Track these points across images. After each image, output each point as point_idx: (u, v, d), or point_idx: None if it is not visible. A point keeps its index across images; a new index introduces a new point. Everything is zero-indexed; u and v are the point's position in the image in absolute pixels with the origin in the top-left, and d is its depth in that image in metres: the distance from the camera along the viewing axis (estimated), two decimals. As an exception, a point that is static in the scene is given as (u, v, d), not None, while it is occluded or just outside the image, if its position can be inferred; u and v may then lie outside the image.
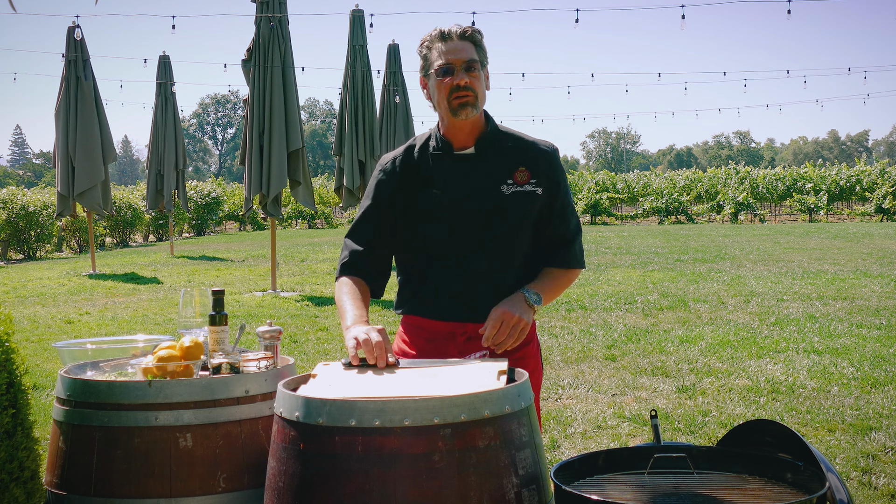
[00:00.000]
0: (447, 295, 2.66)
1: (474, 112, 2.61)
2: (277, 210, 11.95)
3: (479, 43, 2.65)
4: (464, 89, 2.59)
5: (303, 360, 7.31)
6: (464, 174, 2.66)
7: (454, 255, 2.65)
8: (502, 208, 2.63)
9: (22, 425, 2.67)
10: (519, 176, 2.65)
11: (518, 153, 2.68)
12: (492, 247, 2.64)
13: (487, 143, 2.68)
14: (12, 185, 26.60)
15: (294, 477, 2.05)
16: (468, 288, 2.64)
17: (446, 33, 2.63)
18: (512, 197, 2.64)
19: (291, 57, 12.00)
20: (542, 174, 2.66)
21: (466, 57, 2.60)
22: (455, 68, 2.59)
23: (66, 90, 14.62)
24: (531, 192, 2.65)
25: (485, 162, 2.67)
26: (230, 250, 21.40)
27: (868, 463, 4.55)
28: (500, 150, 2.68)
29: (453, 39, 2.62)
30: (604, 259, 16.67)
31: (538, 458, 2.16)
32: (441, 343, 2.68)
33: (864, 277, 12.65)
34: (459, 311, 2.66)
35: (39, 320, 10.05)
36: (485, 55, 2.67)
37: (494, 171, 2.66)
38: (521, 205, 2.64)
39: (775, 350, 7.56)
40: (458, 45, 2.61)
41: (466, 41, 2.62)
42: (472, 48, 2.63)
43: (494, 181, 2.65)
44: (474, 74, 2.60)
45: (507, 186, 2.64)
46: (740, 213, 32.57)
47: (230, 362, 2.60)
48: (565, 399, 6.06)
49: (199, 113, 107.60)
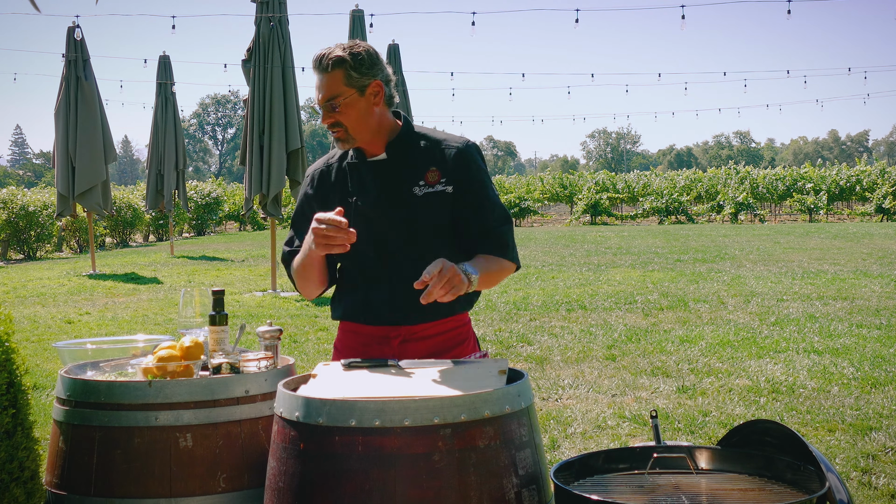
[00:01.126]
0: (376, 300, 2.68)
1: (349, 143, 2.63)
2: (277, 210, 11.95)
3: (348, 69, 2.57)
4: (331, 126, 2.61)
5: (303, 360, 7.32)
6: (377, 180, 2.66)
7: (377, 260, 2.66)
8: (416, 211, 2.62)
9: (22, 425, 2.67)
10: (430, 176, 2.64)
11: (429, 153, 2.67)
12: (412, 249, 2.63)
13: (398, 147, 2.68)
14: (12, 185, 26.59)
15: (294, 477, 2.05)
16: (396, 292, 2.64)
17: (316, 62, 2.61)
18: (424, 198, 2.62)
19: (291, 57, 12.00)
20: (451, 171, 2.64)
21: (327, 95, 2.58)
22: (320, 108, 2.62)
23: (66, 90, 14.62)
24: (441, 191, 2.63)
25: (397, 166, 2.66)
26: (230, 250, 21.40)
27: (868, 463, 4.55)
28: (412, 153, 2.68)
29: (319, 74, 2.60)
30: (604, 259, 16.67)
31: (538, 458, 2.16)
32: (376, 346, 2.70)
33: (864, 277, 12.65)
34: (390, 315, 2.67)
35: (39, 320, 10.05)
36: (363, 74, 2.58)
37: (406, 174, 2.65)
38: (433, 205, 2.63)
39: (775, 350, 7.55)
40: (322, 80, 2.59)
41: (330, 72, 2.57)
42: (336, 79, 2.57)
43: (407, 184, 2.64)
44: (340, 110, 2.58)
45: (419, 188, 2.63)
46: (740, 213, 32.57)
47: (230, 362, 2.60)
48: (565, 399, 6.06)
49: (199, 113, 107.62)
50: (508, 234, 2.68)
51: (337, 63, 2.56)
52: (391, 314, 2.67)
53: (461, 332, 2.77)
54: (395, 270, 2.65)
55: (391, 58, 16.17)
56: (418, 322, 2.66)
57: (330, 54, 2.57)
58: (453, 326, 2.73)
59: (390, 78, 2.68)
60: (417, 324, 2.66)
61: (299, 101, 12.19)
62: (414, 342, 2.67)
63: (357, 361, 2.45)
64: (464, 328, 2.79)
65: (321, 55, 2.59)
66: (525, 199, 35.03)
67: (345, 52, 2.57)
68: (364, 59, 2.58)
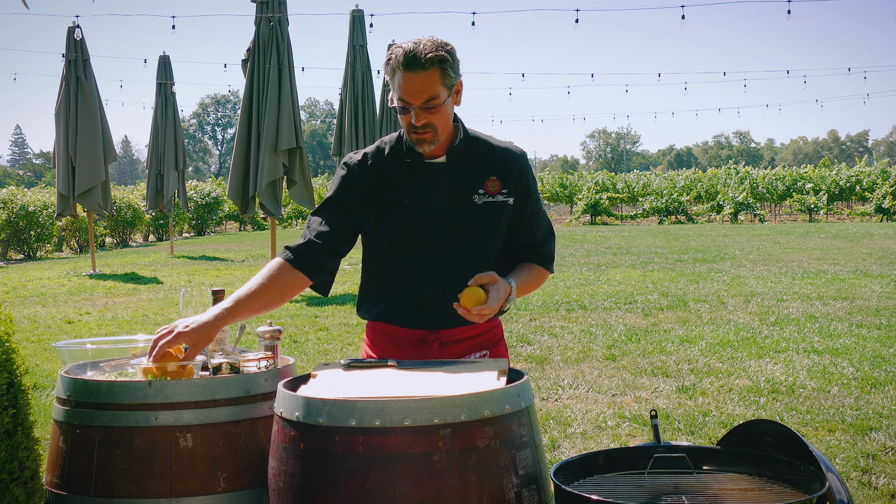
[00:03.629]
0: (419, 303, 2.64)
1: (434, 145, 2.53)
2: (277, 210, 11.95)
3: (445, 67, 2.43)
4: (421, 129, 2.48)
5: (303, 360, 7.32)
6: (435, 184, 2.60)
7: (425, 264, 2.62)
8: (474, 218, 2.59)
9: (22, 425, 2.67)
10: (490, 185, 2.60)
11: (489, 161, 2.63)
12: (464, 256, 2.61)
13: (459, 151, 2.62)
14: (12, 185, 26.60)
15: (294, 477, 2.05)
16: (441, 296, 2.58)
17: (409, 62, 2.40)
18: (483, 207, 2.59)
19: (291, 57, 12.00)
20: (513, 183, 2.62)
21: (426, 96, 2.43)
22: (412, 108, 2.45)
23: (67, 90, 14.62)
24: (503, 202, 2.61)
25: (456, 171, 2.61)
26: (230, 250, 21.40)
27: (868, 463, 4.55)
28: (471, 159, 2.62)
29: (414, 71, 2.40)
30: (604, 259, 16.67)
31: (538, 458, 2.16)
32: (411, 349, 2.66)
33: (864, 277, 12.65)
34: (433, 319, 2.64)
35: (39, 320, 10.05)
36: (453, 75, 2.47)
37: (466, 180, 2.60)
38: (492, 215, 2.60)
39: (775, 350, 7.56)
40: (418, 79, 2.40)
41: (430, 70, 2.41)
42: (435, 79, 2.42)
43: (466, 191, 2.60)
44: (434, 111, 2.45)
45: (479, 196, 2.60)
46: (740, 213, 32.57)
47: (230, 362, 2.60)
48: (565, 399, 6.06)
49: (199, 113, 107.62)
50: (552, 246, 2.75)
51: (437, 61, 2.40)
52: (435, 317, 2.63)
53: (496, 333, 2.77)
54: (443, 274, 2.60)
55: (391, 58, 16.16)
56: (458, 325, 2.63)
57: (426, 52, 2.39)
58: (489, 328, 2.73)
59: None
60: (456, 327, 2.64)
61: (299, 100, 12.19)
62: (452, 345, 2.65)
63: (357, 361, 2.45)
64: (497, 329, 2.79)
65: (414, 51, 2.39)
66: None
67: (441, 51, 2.41)
68: (455, 56, 2.47)
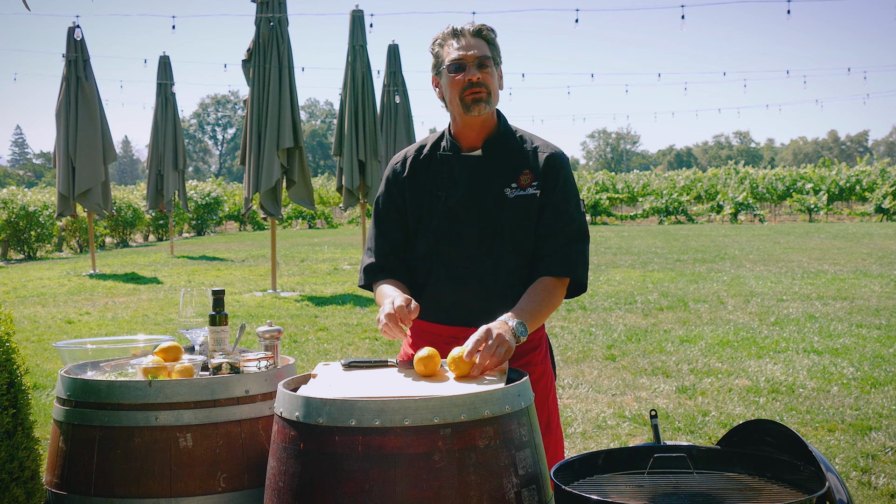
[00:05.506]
0: (451, 299, 2.63)
1: (487, 108, 2.58)
2: (277, 210, 11.95)
3: (492, 41, 2.63)
4: (476, 85, 2.56)
5: (303, 360, 7.32)
6: (469, 176, 2.62)
7: (458, 258, 2.61)
8: (505, 212, 2.58)
9: (22, 425, 2.67)
10: (523, 179, 2.60)
11: (525, 155, 2.64)
12: (496, 250, 2.59)
13: (495, 144, 2.64)
14: (12, 185, 26.59)
15: (294, 477, 2.05)
16: (473, 292, 2.59)
17: (459, 31, 2.61)
18: (515, 201, 2.59)
19: (291, 57, 12.00)
20: (541, 175, 2.61)
21: (479, 53, 2.58)
22: (467, 64, 2.57)
23: (67, 90, 14.62)
24: (532, 195, 2.59)
25: (491, 164, 2.63)
26: (230, 250, 21.40)
27: (868, 463, 4.55)
28: (508, 152, 2.64)
29: (466, 37, 2.59)
30: (604, 259, 16.67)
31: (538, 458, 2.16)
32: (445, 347, 2.62)
33: (864, 277, 12.65)
34: (464, 316, 2.61)
35: (39, 320, 10.05)
36: (498, 53, 2.65)
37: (500, 173, 2.61)
38: (523, 208, 2.59)
39: (775, 350, 7.56)
40: (470, 42, 2.59)
41: (480, 39, 2.60)
42: (485, 45, 2.60)
43: (499, 184, 2.60)
44: (487, 71, 2.58)
45: (511, 190, 2.60)
46: (740, 213, 32.57)
47: (230, 362, 2.60)
48: (565, 399, 6.06)
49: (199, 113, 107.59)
50: (580, 252, 2.61)
51: (489, 32, 2.63)
52: (464, 314, 2.61)
53: (532, 337, 2.68)
54: (475, 270, 2.60)
55: (391, 58, 16.17)
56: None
57: (481, 25, 2.63)
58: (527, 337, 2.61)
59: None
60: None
61: (299, 100, 12.19)
62: None
63: (357, 361, 2.45)
64: (535, 333, 2.70)
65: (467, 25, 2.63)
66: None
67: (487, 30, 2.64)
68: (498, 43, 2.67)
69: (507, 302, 2.55)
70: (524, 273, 2.63)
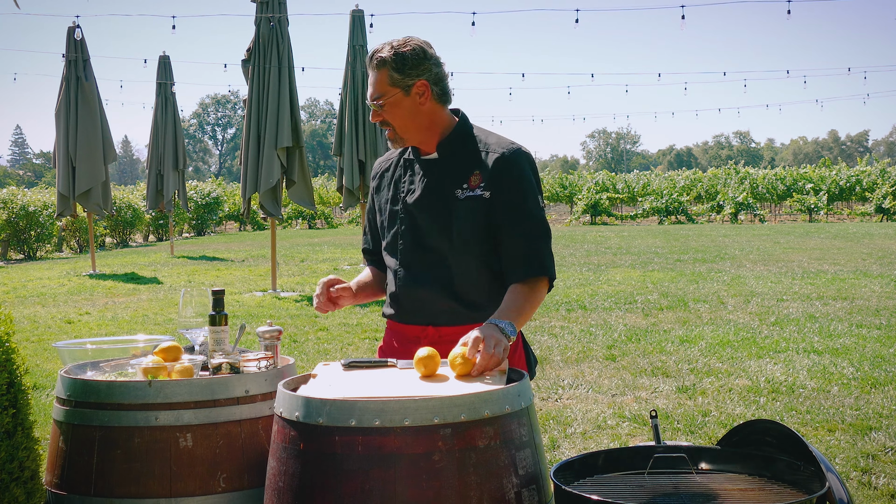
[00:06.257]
0: (412, 299, 2.68)
1: (400, 143, 2.67)
2: (277, 210, 11.95)
3: (387, 64, 2.57)
4: (381, 125, 2.64)
5: (303, 360, 7.31)
6: (426, 180, 2.68)
7: (415, 259, 2.67)
8: (456, 214, 2.61)
9: (22, 425, 2.67)
10: (473, 180, 2.62)
11: (476, 156, 2.65)
12: (451, 252, 2.63)
13: (449, 146, 2.68)
14: (12, 185, 26.59)
15: (294, 477, 2.05)
16: (431, 292, 2.64)
17: (367, 61, 2.65)
18: (465, 202, 2.61)
19: (291, 57, 12.00)
20: (490, 177, 2.61)
21: (374, 93, 2.60)
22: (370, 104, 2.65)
23: (67, 90, 14.62)
24: (479, 196, 2.60)
25: (446, 167, 2.67)
26: (230, 250, 21.40)
27: (868, 463, 4.55)
28: (462, 154, 2.67)
29: (369, 69, 2.63)
30: (604, 259, 16.67)
31: (538, 458, 2.16)
32: (410, 346, 2.68)
33: (864, 277, 12.65)
34: (424, 315, 2.68)
35: (39, 320, 10.05)
36: (406, 74, 2.57)
37: (453, 175, 2.65)
38: (472, 210, 2.60)
39: (775, 350, 7.56)
40: (371, 78, 2.62)
41: (375, 71, 2.60)
42: (381, 76, 2.58)
43: (451, 186, 2.64)
44: (385, 108, 2.60)
45: (462, 191, 2.62)
46: (740, 213, 32.56)
47: (230, 362, 2.60)
48: (565, 399, 6.06)
49: (199, 113, 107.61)
50: (544, 248, 2.61)
51: (381, 63, 2.58)
52: (420, 313, 2.67)
53: None
54: (431, 271, 2.65)
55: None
56: (446, 324, 2.64)
57: (377, 53, 2.59)
58: None
59: (441, 76, 2.64)
60: (445, 326, 2.64)
61: (299, 100, 12.19)
62: (444, 345, 2.61)
63: (357, 361, 2.45)
64: None
65: (371, 53, 2.62)
66: (525, 199, 34.96)
67: (389, 52, 2.58)
68: (408, 58, 2.57)
69: (465, 301, 2.61)
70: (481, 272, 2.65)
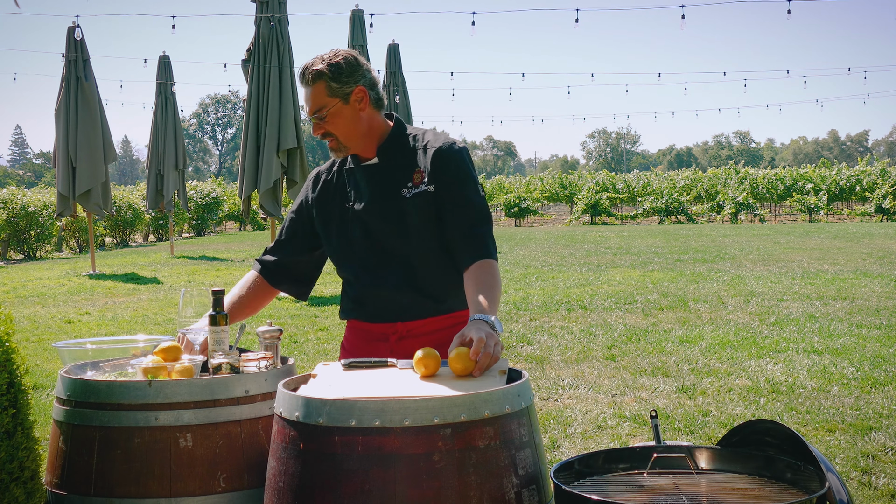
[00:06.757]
0: (374, 299, 2.75)
1: (344, 151, 2.72)
2: (277, 210, 11.96)
3: (329, 78, 2.64)
4: (323, 137, 2.69)
5: (303, 360, 7.32)
6: (370, 184, 2.74)
7: (374, 261, 2.73)
8: (406, 212, 2.68)
9: (22, 425, 2.67)
10: (416, 177, 2.70)
11: (416, 155, 2.74)
12: (406, 249, 2.70)
13: (388, 149, 2.75)
14: (12, 185, 26.59)
15: (294, 477, 2.05)
16: (393, 290, 2.71)
17: (300, 77, 2.68)
18: (413, 199, 2.68)
19: (291, 57, 12.00)
20: (431, 172, 2.69)
21: (313, 107, 2.66)
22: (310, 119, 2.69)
23: (67, 90, 14.62)
24: (424, 191, 2.68)
25: (388, 169, 2.74)
26: (230, 250, 21.40)
27: (868, 463, 4.55)
28: (401, 155, 2.74)
29: (304, 85, 2.68)
30: (604, 259, 16.67)
31: (538, 458, 2.16)
32: (377, 344, 2.76)
33: (864, 277, 12.65)
34: (388, 313, 2.74)
35: (39, 320, 10.05)
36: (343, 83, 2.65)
37: (396, 176, 2.72)
38: (421, 206, 2.68)
39: (775, 350, 7.56)
40: (307, 94, 2.67)
41: (308, 87, 2.66)
42: (319, 92, 2.65)
43: (396, 186, 2.71)
44: (327, 119, 2.66)
45: (408, 189, 2.70)
46: (740, 213, 32.57)
47: (230, 362, 2.60)
48: (565, 399, 6.06)
49: (199, 113, 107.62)
50: (488, 234, 2.69)
51: (317, 76, 2.64)
52: (386, 312, 2.74)
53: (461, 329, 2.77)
54: (391, 270, 2.72)
55: (391, 58, 16.18)
56: (412, 319, 2.72)
57: (311, 67, 2.64)
58: (453, 323, 2.74)
59: (375, 81, 2.73)
60: (412, 321, 2.72)
61: (299, 100, 12.19)
62: (411, 339, 2.71)
63: (357, 361, 2.45)
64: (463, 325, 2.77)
65: (303, 69, 2.66)
66: (525, 199, 35.04)
67: (323, 64, 2.64)
68: (343, 67, 2.65)
69: (428, 293, 2.70)
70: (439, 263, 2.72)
